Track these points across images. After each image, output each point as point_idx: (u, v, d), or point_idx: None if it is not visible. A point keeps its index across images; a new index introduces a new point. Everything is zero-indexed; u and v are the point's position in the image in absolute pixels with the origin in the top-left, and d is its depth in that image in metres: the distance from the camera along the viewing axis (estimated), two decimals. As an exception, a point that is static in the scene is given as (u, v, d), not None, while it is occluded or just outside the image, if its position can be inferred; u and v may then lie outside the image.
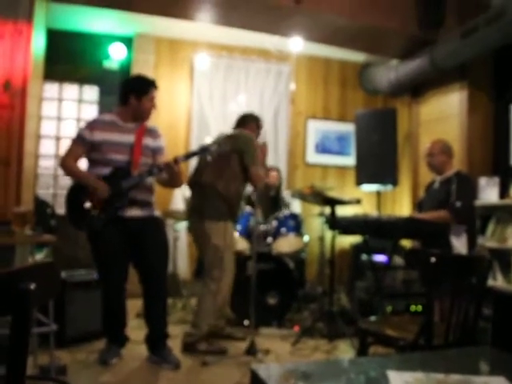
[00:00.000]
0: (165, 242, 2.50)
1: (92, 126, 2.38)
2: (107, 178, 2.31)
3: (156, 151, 2.47)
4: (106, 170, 2.33)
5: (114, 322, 2.45)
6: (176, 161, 2.30)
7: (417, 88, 4.17)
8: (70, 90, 4.25)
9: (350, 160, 4.59)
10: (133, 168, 2.34)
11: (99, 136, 2.34)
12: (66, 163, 2.36)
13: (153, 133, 2.49)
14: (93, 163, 2.38)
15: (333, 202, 2.93)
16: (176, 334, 2.89)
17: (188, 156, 2.46)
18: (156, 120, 3.28)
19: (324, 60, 4.75)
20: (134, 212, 2.36)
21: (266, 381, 0.82)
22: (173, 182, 2.48)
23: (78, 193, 2.33)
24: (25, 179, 3.08)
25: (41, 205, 3.48)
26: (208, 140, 2.92)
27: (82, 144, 2.35)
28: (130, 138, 2.39)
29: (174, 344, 2.69)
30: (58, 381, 1.18)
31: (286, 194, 3.98)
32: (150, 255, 2.41)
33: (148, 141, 2.44)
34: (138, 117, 2.45)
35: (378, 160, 3.89)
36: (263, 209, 3.49)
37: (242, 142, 2.67)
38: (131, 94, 2.41)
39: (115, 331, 2.46)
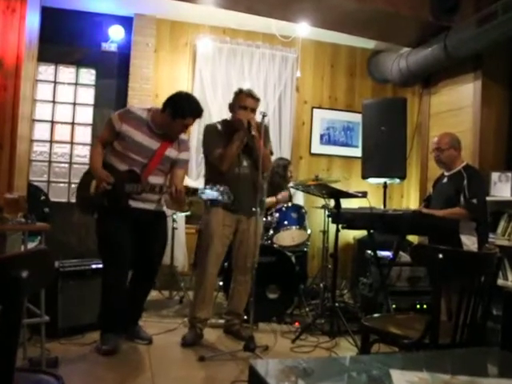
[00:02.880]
0: (166, 238, 2.66)
1: (124, 117, 2.42)
2: (119, 174, 2.38)
3: (176, 163, 2.51)
4: (122, 165, 2.39)
5: (114, 310, 2.41)
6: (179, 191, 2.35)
7: (428, 78, 4.02)
8: (66, 72, 4.14)
9: (356, 152, 4.48)
10: (145, 174, 2.40)
11: (127, 130, 2.40)
12: (95, 146, 2.52)
13: (180, 145, 2.52)
14: (113, 152, 2.43)
15: (338, 195, 2.83)
16: (174, 327, 2.83)
17: (188, 192, 2.39)
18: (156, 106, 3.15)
19: (331, 46, 4.62)
20: (143, 204, 2.44)
21: (265, 377, 0.78)
22: (174, 206, 2.69)
23: (89, 178, 2.44)
24: (18, 164, 2.99)
25: (34, 191, 3.39)
26: None
27: (111, 131, 2.43)
28: (154, 145, 2.43)
29: (175, 338, 2.64)
30: (48, 373, 1.12)
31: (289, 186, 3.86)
32: (151, 248, 2.51)
33: (171, 153, 2.48)
34: (165, 130, 2.46)
35: (385, 152, 3.77)
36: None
37: None
38: (169, 108, 2.42)
39: (114, 319, 2.41)
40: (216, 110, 4.16)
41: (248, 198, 2.59)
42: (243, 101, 2.58)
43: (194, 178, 4.11)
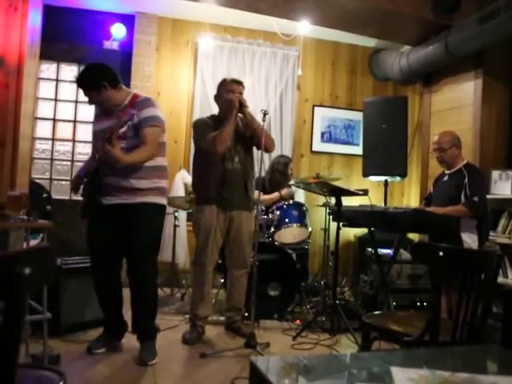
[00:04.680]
0: (149, 231, 2.27)
1: (93, 119, 2.44)
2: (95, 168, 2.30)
3: (139, 126, 2.20)
4: (96, 157, 2.35)
5: (104, 311, 2.41)
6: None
7: (429, 76, 4.01)
8: (68, 70, 4.13)
9: (357, 150, 4.48)
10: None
11: (94, 126, 2.39)
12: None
13: (139, 106, 2.23)
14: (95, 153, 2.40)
15: (339, 193, 2.83)
16: (176, 324, 2.84)
17: (110, 136, 2.08)
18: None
19: (332, 44, 4.61)
20: (115, 199, 2.24)
21: (266, 374, 0.77)
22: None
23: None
24: (20, 162, 3.00)
25: (36, 189, 3.40)
26: None
27: (93, 137, 2.43)
28: (111, 122, 2.22)
29: (176, 335, 2.64)
30: (51, 370, 1.12)
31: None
32: (131, 244, 2.25)
33: (132, 119, 2.21)
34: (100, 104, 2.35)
35: (386, 151, 3.76)
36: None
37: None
38: None
39: (106, 320, 2.42)
40: (217, 108, 4.16)
41: (240, 194, 2.63)
42: (229, 86, 2.65)
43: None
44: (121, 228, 2.26)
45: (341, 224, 2.89)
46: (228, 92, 2.62)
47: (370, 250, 3.45)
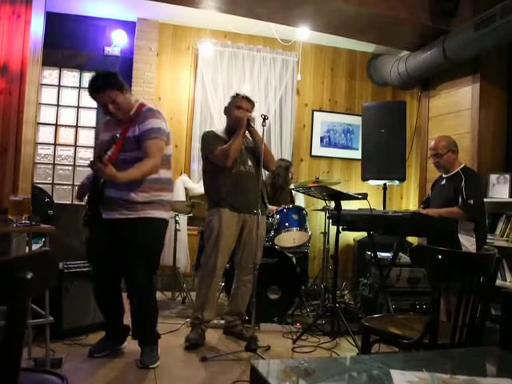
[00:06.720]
0: (147, 249, 2.24)
1: (102, 127, 2.48)
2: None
3: (140, 138, 2.17)
4: None
5: (105, 317, 2.43)
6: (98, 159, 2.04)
7: (427, 81, 4.05)
8: (70, 76, 4.17)
9: (356, 154, 4.51)
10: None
11: (102, 135, 2.39)
12: None
13: (141, 118, 2.20)
14: None
15: (338, 197, 2.85)
16: (177, 328, 2.85)
17: (99, 155, 2.06)
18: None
19: (331, 49, 4.65)
20: (115, 214, 2.22)
21: (266, 377, 0.78)
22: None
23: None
24: (22, 167, 3.02)
25: (38, 194, 3.42)
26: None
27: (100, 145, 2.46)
28: (118, 132, 2.23)
29: (177, 339, 2.65)
30: (53, 373, 1.12)
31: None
32: (129, 260, 2.24)
33: (133, 131, 2.20)
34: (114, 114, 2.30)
35: (385, 155, 3.79)
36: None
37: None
38: None
39: (108, 325, 2.44)
40: (217, 113, 4.20)
41: (253, 197, 2.60)
42: (239, 102, 2.70)
43: (197, 181, 4.14)
44: (119, 240, 2.24)
45: (340, 228, 2.90)
46: (238, 108, 2.67)
47: (369, 253, 3.46)
